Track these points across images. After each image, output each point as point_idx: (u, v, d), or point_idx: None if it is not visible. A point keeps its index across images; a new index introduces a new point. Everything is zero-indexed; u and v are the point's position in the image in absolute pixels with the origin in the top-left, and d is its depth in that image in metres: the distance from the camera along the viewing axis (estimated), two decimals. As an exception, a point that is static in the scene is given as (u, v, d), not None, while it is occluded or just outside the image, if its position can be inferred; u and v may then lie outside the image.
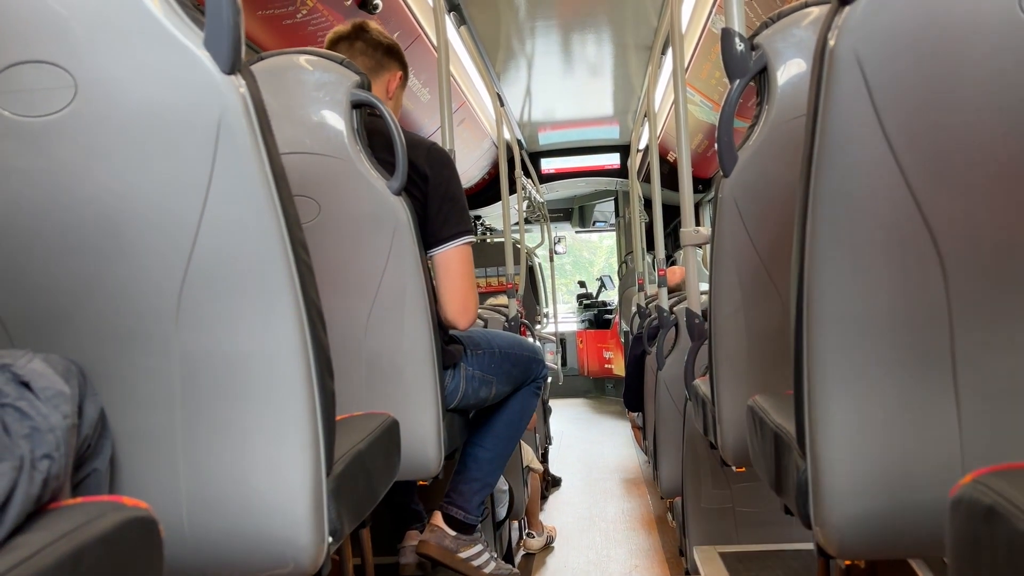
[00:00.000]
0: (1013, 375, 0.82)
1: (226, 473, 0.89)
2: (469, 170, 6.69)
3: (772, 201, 1.41)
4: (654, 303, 3.82)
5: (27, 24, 0.80)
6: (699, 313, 2.08)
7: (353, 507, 1.02)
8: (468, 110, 5.47)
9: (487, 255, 6.74)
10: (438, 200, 1.63)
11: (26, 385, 0.60)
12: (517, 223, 5.51)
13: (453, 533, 1.82)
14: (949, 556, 0.58)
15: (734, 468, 1.56)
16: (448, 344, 1.71)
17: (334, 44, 1.78)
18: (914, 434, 0.83)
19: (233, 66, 0.82)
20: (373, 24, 1.83)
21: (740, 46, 1.40)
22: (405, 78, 1.86)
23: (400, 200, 1.50)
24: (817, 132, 0.81)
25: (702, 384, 1.77)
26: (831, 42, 0.78)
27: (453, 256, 1.65)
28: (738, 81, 1.40)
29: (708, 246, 1.68)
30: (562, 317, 8.48)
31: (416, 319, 1.55)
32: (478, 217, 8.21)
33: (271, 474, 0.89)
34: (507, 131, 4.47)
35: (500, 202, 3.97)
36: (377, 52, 1.78)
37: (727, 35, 1.39)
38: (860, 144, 0.79)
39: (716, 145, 1.43)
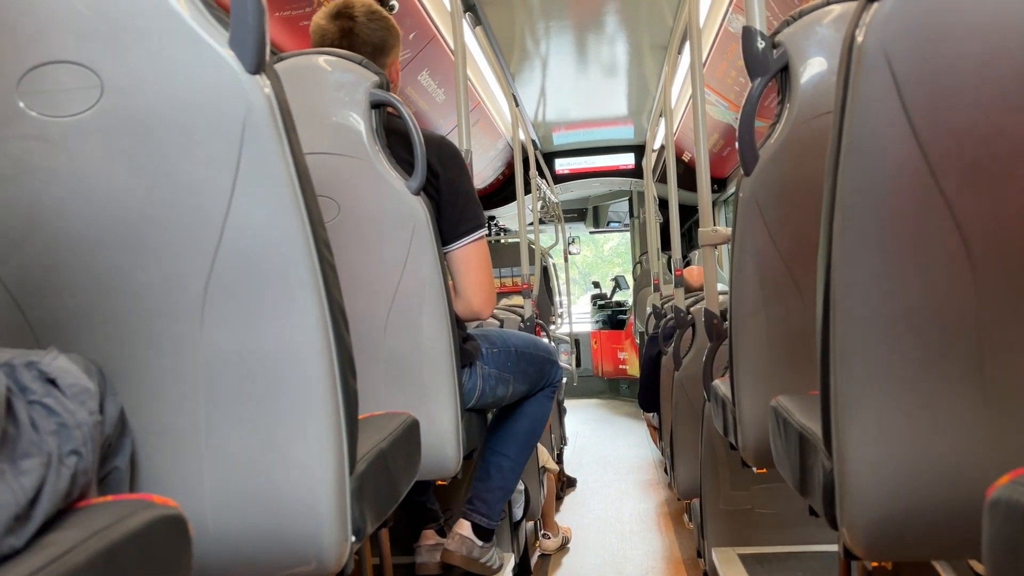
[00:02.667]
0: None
1: (249, 471, 0.89)
2: (484, 171, 6.70)
3: (794, 200, 1.40)
4: (670, 303, 3.81)
5: (53, 25, 0.80)
6: (717, 313, 2.07)
7: (376, 506, 1.02)
8: (483, 111, 5.47)
9: (502, 256, 6.74)
10: (452, 196, 1.63)
11: (52, 382, 0.60)
12: (532, 223, 5.50)
13: (480, 543, 1.82)
14: (986, 558, 0.58)
15: (755, 469, 1.55)
16: (465, 342, 1.71)
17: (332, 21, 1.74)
18: (942, 434, 0.82)
19: (258, 66, 0.82)
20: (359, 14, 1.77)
21: (761, 44, 1.39)
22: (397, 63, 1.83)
23: (419, 200, 1.50)
24: (844, 130, 0.80)
25: (722, 385, 1.76)
26: (859, 39, 0.77)
27: (472, 250, 1.66)
28: (759, 79, 1.39)
29: (726, 246, 1.68)
30: (576, 317, 8.46)
31: (434, 318, 1.55)
32: (492, 218, 8.21)
33: (294, 472, 0.89)
34: (522, 132, 4.47)
35: (514, 202, 3.97)
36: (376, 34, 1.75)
37: (748, 33, 1.38)
38: (888, 142, 0.78)
39: (737, 143, 1.42)
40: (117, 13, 0.80)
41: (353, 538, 0.94)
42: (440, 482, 1.65)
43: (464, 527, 1.82)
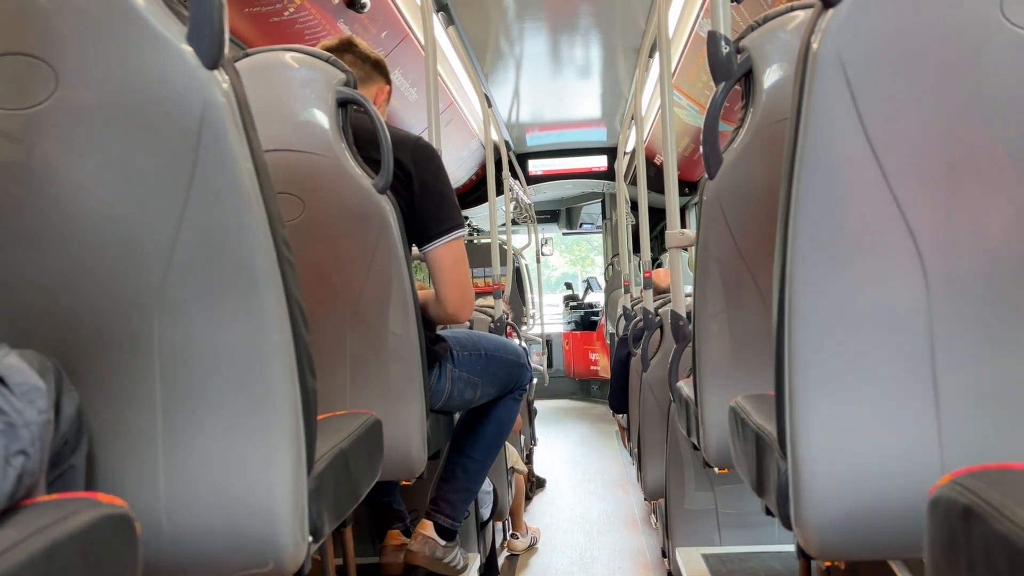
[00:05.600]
0: (992, 378, 0.83)
1: (205, 471, 0.88)
2: (456, 171, 6.69)
3: (756, 203, 1.41)
4: (639, 305, 3.83)
5: (7, 16, 0.79)
6: (683, 315, 2.08)
7: (334, 506, 1.02)
8: (456, 110, 5.46)
9: (474, 256, 6.71)
10: (426, 197, 1.62)
11: (0, 381, 0.59)
12: (504, 224, 5.50)
13: (444, 543, 1.82)
14: (927, 556, 0.59)
15: (717, 470, 1.57)
16: (434, 344, 1.70)
17: None
18: (894, 436, 0.84)
19: (216, 61, 0.81)
20: (360, 40, 1.83)
21: (726, 49, 1.40)
22: (390, 93, 1.86)
23: (385, 199, 1.50)
24: (800, 135, 0.81)
25: (685, 386, 1.78)
26: (814, 45, 0.78)
27: (447, 251, 1.65)
28: (723, 84, 1.40)
29: (693, 248, 1.69)
30: (548, 319, 8.49)
31: (400, 318, 1.54)
32: (465, 218, 8.20)
33: (251, 472, 0.88)
34: (495, 132, 4.47)
35: (487, 203, 3.97)
36: (366, 64, 1.78)
37: (713, 38, 1.40)
38: (842, 147, 0.79)
39: (702, 147, 1.43)
40: (73, 6, 0.79)
41: (311, 539, 0.93)
42: (405, 482, 1.64)
43: (427, 527, 1.82)
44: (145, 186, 0.84)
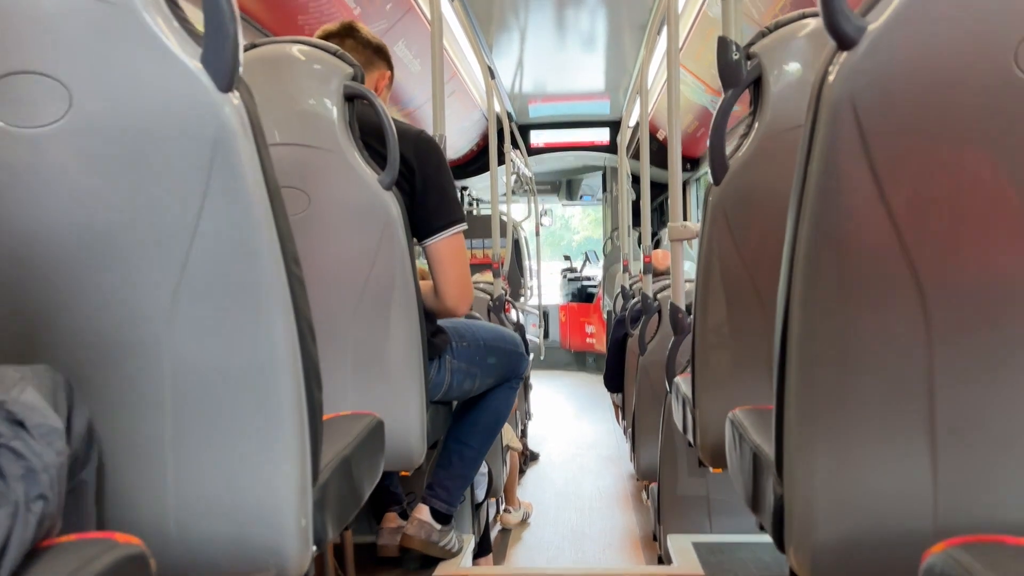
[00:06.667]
0: (989, 415, 0.84)
1: (213, 483, 0.90)
2: (457, 141, 6.65)
3: (760, 212, 1.42)
4: (638, 285, 3.84)
5: (22, 34, 0.79)
6: (683, 307, 2.10)
7: (338, 513, 1.04)
8: (459, 82, 5.42)
9: (473, 227, 6.71)
10: (428, 191, 1.63)
11: (20, 424, 0.61)
12: (504, 195, 5.49)
13: (439, 527, 1.85)
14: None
15: (711, 469, 1.59)
16: (434, 336, 1.72)
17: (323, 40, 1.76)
18: (890, 470, 0.86)
19: (230, 84, 0.81)
20: (361, 25, 1.81)
21: (736, 55, 1.39)
22: (391, 79, 1.85)
23: (391, 195, 1.50)
24: (809, 174, 0.82)
25: (683, 383, 1.79)
26: (828, 86, 0.79)
27: (447, 246, 1.66)
28: (732, 90, 1.40)
29: (696, 241, 1.69)
30: (546, 289, 8.51)
31: (403, 312, 1.55)
32: (464, 188, 8.17)
33: (258, 485, 0.90)
34: (497, 103, 4.44)
35: (487, 173, 3.95)
36: (367, 50, 1.77)
37: (723, 43, 1.39)
38: (850, 186, 0.80)
39: (708, 153, 1.43)
40: (88, 25, 0.79)
41: (315, 548, 0.95)
42: (404, 472, 1.66)
43: (423, 512, 1.85)
44: (158, 203, 0.84)
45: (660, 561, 2.47)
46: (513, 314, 4.28)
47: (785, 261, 0.90)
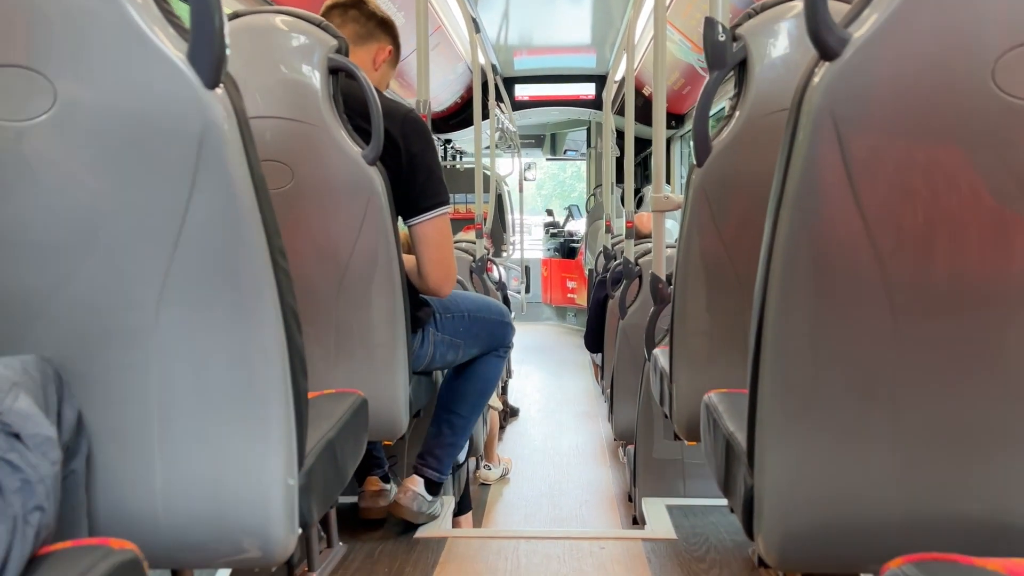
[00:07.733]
0: (953, 410, 0.88)
1: (200, 470, 0.92)
2: (441, 94, 6.57)
3: (741, 195, 1.43)
4: (620, 246, 3.86)
5: (7, 28, 0.78)
6: (663, 277, 2.12)
7: (323, 495, 1.07)
8: (443, 34, 5.33)
9: (457, 181, 6.69)
10: (414, 171, 1.62)
11: (15, 435, 0.62)
12: (488, 148, 5.46)
13: (430, 497, 1.89)
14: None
15: (686, 442, 1.64)
16: (418, 309, 1.73)
17: (328, 10, 1.73)
18: (855, 463, 0.89)
19: (216, 80, 0.81)
20: None
21: (722, 36, 1.39)
22: (396, 55, 1.83)
23: (375, 170, 1.50)
24: (788, 180, 0.84)
25: (661, 356, 1.83)
26: (808, 96, 0.80)
27: (432, 227, 1.66)
28: (716, 72, 1.40)
29: (679, 214, 1.70)
30: (528, 244, 8.52)
31: (386, 286, 1.57)
32: (448, 141, 8.10)
33: (244, 471, 0.92)
34: (482, 56, 4.38)
35: (471, 127, 3.92)
36: (370, 22, 1.75)
37: (710, 24, 1.39)
38: (829, 198, 0.82)
39: (692, 136, 1.44)
40: (75, 21, 0.78)
41: (300, 530, 0.98)
42: (387, 443, 1.69)
43: (416, 482, 1.88)
44: (144, 197, 0.85)
45: (635, 521, 2.54)
46: (495, 272, 4.29)
47: (763, 258, 0.92)
